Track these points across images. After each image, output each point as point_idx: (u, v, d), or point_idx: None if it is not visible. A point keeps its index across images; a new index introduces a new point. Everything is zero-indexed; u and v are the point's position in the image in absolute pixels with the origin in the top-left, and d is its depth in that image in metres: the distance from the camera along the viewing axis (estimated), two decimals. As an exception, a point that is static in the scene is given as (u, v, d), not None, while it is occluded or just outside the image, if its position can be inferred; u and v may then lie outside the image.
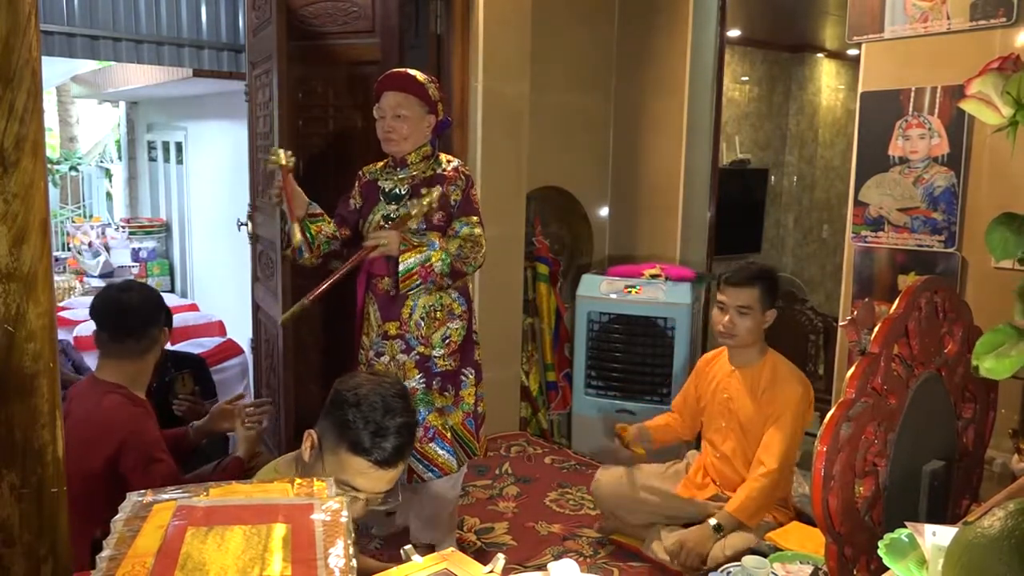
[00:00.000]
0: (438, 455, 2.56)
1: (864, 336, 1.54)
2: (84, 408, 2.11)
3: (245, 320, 4.13)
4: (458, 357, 2.58)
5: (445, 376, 2.55)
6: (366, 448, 1.58)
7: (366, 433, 1.58)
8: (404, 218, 2.48)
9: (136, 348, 2.15)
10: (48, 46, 4.35)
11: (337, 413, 1.61)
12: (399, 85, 2.52)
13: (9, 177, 1.02)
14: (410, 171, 2.57)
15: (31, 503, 1.08)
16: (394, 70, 2.61)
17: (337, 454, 1.60)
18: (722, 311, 2.55)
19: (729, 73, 5.36)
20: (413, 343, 2.53)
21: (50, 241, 1.09)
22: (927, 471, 1.52)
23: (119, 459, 2.03)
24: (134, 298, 2.19)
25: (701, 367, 2.77)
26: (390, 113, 2.51)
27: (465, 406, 2.60)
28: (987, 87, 1.08)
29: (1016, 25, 2.55)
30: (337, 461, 1.60)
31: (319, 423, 1.68)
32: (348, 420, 1.59)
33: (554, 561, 1.39)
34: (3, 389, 1.05)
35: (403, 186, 2.56)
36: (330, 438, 1.62)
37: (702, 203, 4.13)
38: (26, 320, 1.05)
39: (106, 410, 2.07)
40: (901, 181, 2.84)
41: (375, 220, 2.57)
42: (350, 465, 1.59)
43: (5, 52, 1.00)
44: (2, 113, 1.01)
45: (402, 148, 2.54)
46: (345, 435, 1.59)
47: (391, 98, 2.51)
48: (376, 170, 2.66)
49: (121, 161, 9.89)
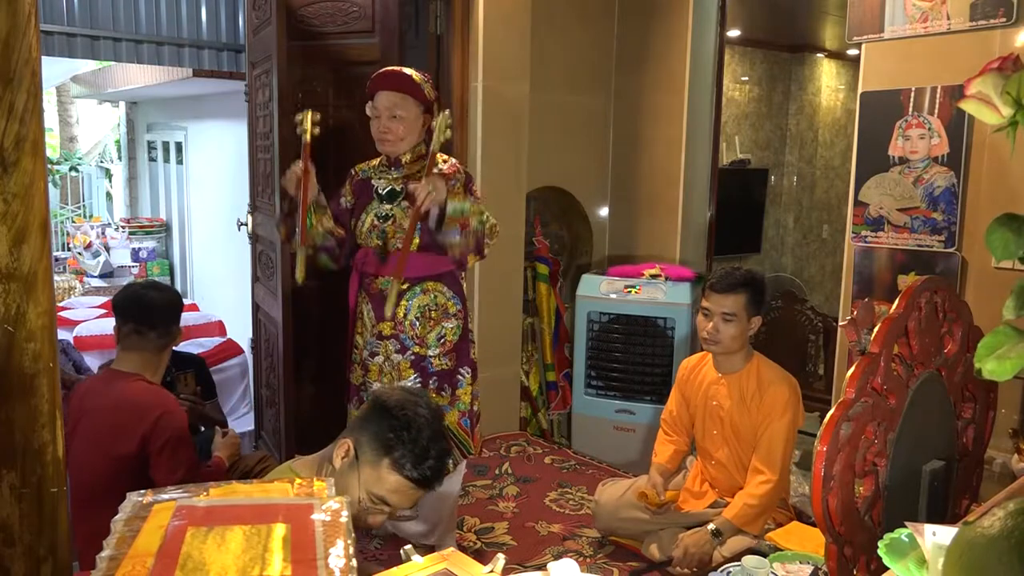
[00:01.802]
0: None
1: (864, 336, 1.54)
2: (109, 398, 2.20)
3: (245, 320, 4.13)
4: (454, 356, 2.56)
5: (442, 375, 2.54)
6: (411, 469, 1.58)
7: (412, 455, 1.58)
8: (416, 210, 2.37)
9: (156, 343, 2.28)
10: (48, 46, 4.36)
11: (382, 429, 1.60)
12: (395, 85, 2.49)
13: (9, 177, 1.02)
14: (404, 171, 2.54)
15: (31, 503, 1.08)
16: (389, 68, 2.57)
17: (377, 469, 1.60)
18: (706, 317, 2.51)
19: (729, 73, 5.37)
20: (408, 343, 2.51)
21: (50, 241, 1.09)
22: (927, 471, 1.53)
23: (151, 437, 2.13)
24: (158, 295, 2.36)
25: (684, 375, 2.73)
26: (386, 113, 2.48)
27: (461, 405, 2.59)
28: (987, 87, 1.08)
29: (1016, 25, 2.55)
30: (375, 475, 1.60)
31: (355, 433, 1.65)
32: (395, 439, 1.59)
33: (554, 561, 1.39)
34: (3, 389, 1.05)
35: (397, 185, 2.54)
36: (370, 451, 1.60)
37: (702, 203, 4.13)
38: (26, 320, 1.05)
39: (136, 393, 2.19)
40: (901, 181, 2.84)
41: (367, 220, 2.53)
42: (388, 482, 1.59)
43: (5, 52, 1.00)
44: (2, 113, 1.01)
45: (397, 149, 2.51)
46: (389, 453, 1.59)
47: (387, 98, 2.48)
48: (369, 168, 2.63)
49: (121, 161, 9.90)
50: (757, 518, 2.45)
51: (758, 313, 2.51)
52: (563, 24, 4.06)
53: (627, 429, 3.73)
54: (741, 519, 2.43)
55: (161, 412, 2.16)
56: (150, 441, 2.13)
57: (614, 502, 2.74)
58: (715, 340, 2.49)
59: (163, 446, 2.13)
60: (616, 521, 2.75)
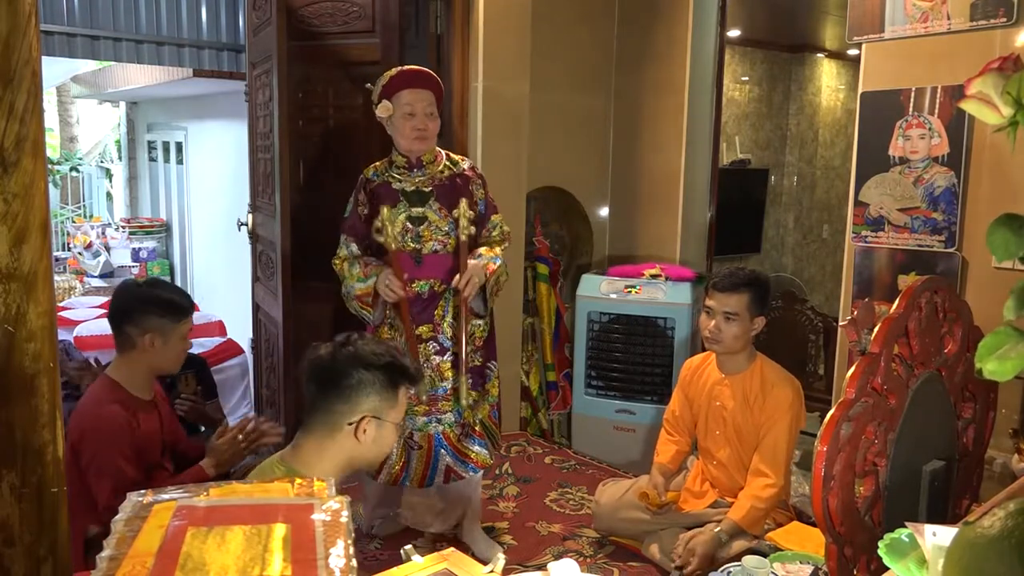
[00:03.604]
0: (475, 452, 2.60)
1: (864, 336, 1.54)
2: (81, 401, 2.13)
3: (245, 320, 4.13)
4: (483, 353, 2.62)
5: (474, 372, 2.59)
6: (411, 374, 1.67)
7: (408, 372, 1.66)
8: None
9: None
10: (48, 46, 4.35)
11: (378, 379, 1.62)
12: (429, 83, 2.51)
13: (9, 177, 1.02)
14: (427, 171, 2.55)
15: (31, 503, 1.07)
16: (413, 67, 2.57)
17: (394, 405, 1.64)
18: (709, 316, 2.51)
19: (729, 73, 5.37)
20: (446, 344, 2.55)
21: (50, 241, 1.09)
22: (927, 471, 1.53)
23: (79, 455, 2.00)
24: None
25: (687, 376, 2.73)
26: (423, 111, 2.48)
27: (491, 399, 2.65)
28: (987, 87, 1.08)
29: (1016, 25, 2.55)
30: (397, 409, 1.65)
31: (357, 403, 1.61)
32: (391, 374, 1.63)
33: (554, 561, 1.39)
34: (3, 389, 1.04)
35: (425, 186, 2.55)
36: (378, 399, 1.62)
37: (702, 203, 4.13)
38: (26, 320, 1.05)
39: (84, 402, 2.09)
40: (901, 181, 2.84)
41: (398, 223, 2.51)
42: (401, 403, 1.66)
43: (5, 52, 1.00)
44: (2, 113, 1.01)
45: (429, 147, 2.54)
46: (396, 386, 1.64)
47: (422, 96, 2.48)
48: (382, 172, 2.60)
49: (121, 161, 9.89)
50: (762, 519, 2.45)
51: (761, 313, 2.51)
52: (563, 24, 4.06)
53: (627, 429, 3.73)
54: (748, 521, 2.42)
55: (79, 434, 2.00)
56: (81, 459, 2.00)
57: (614, 502, 2.74)
58: (716, 339, 2.50)
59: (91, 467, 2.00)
60: (616, 521, 2.75)
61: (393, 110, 2.49)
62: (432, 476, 2.58)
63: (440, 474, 2.58)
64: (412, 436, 2.56)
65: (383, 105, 2.50)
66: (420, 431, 2.56)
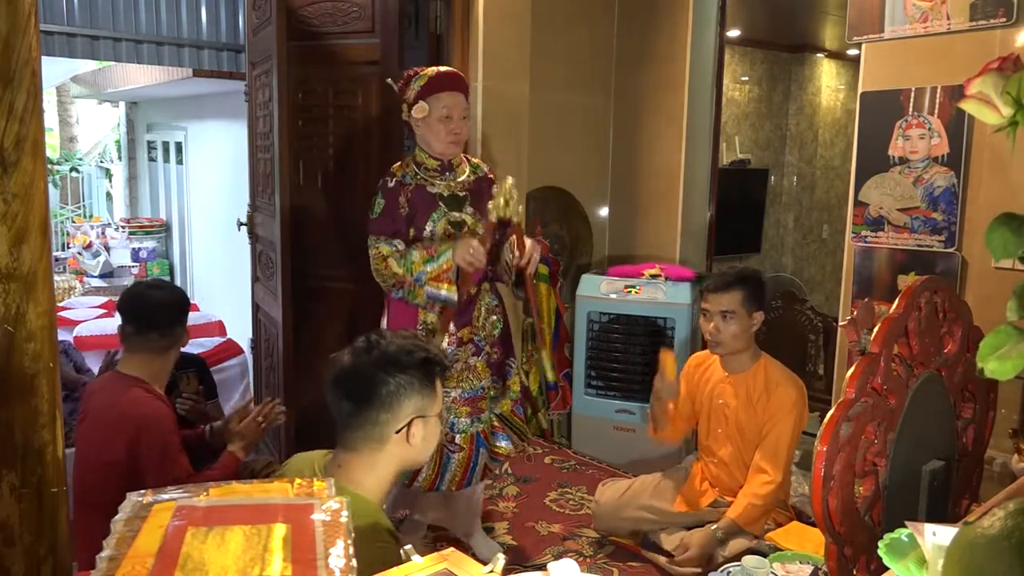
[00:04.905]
0: (500, 446, 2.64)
1: (864, 336, 1.54)
2: (103, 402, 2.16)
3: (245, 320, 4.13)
4: (501, 349, 2.64)
5: (496, 368, 2.63)
6: (444, 363, 1.61)
7: (431, 359, 1.57)
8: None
9: (159, 344, 2.22)
10: (48, 46, 4.35)
11: (414, 376, 1.54)
12: (463, 86, 2.54)
13: (9, 177, 1.02)
14: (457, 174, 2.56)
15: (31, 503, 1.08)
16: (448, 69, 2.58)
17: (435, 399, 1.58)
18: (707, 318, 2.54)
19: (729, 73, 5.37)
20: (481, 344, 2.57)
21: (50, 241, 1.09)
22: (927, 471, 1.52)
23: (139, 450, 2.07)
24: (163, 295, 2.29)
25: (690, 370, 2.74)
26: (459, 115, 2.48)
27: (512, 394, 2.67)
28: (987, 87, 1.08)
29: (1016, 25, 2.55)
30: (436, 402, 1.59)
31: (400, 407, 1.53)
32: (417, 365, 1.54)
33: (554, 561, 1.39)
34: (3, 389, 1.05)
35: (460, 191, 2.55)
36: (419, 398, 1.55)
37: (702, 203, 4.13)
38: (26, 320, 1.05)
39: (123, 402, 2.13)
40: (901, 181, 2.84)
41: (441, 227, 2.49)
42: (439, 393, 1.60)
43: (5, 52, 1.00)
44: (2, 113, 1.01)
45: (460, 150, 2.56)
46: (432, 380, 1.56)
47: (459, 99, 2.49)
48: (413, 174, 2.52)
49: (121, 161, 9.90)
50: (760, 518, 2.45)
51: (758, 308, 2.52)
52: (563, 24, 4.05)
53: (627, 429, 3.73)
54: (745, 518, 2.43)
55: (142, 426, 2.07)
56: (140, 454, 2.06)
57: (614, 502, 2.74)
58: (717, 340, 2.52)
59: (153, 459, 2.07)
60: (616, 521, 2.75)
61: (429, 112, 2.47)
62: (471, 477, 2.57)
63: (478, 474, 2.59)
64: (454, 440, 2.52)
65: (420, 106, 2.46)
66: (463, 433, 2.53)
